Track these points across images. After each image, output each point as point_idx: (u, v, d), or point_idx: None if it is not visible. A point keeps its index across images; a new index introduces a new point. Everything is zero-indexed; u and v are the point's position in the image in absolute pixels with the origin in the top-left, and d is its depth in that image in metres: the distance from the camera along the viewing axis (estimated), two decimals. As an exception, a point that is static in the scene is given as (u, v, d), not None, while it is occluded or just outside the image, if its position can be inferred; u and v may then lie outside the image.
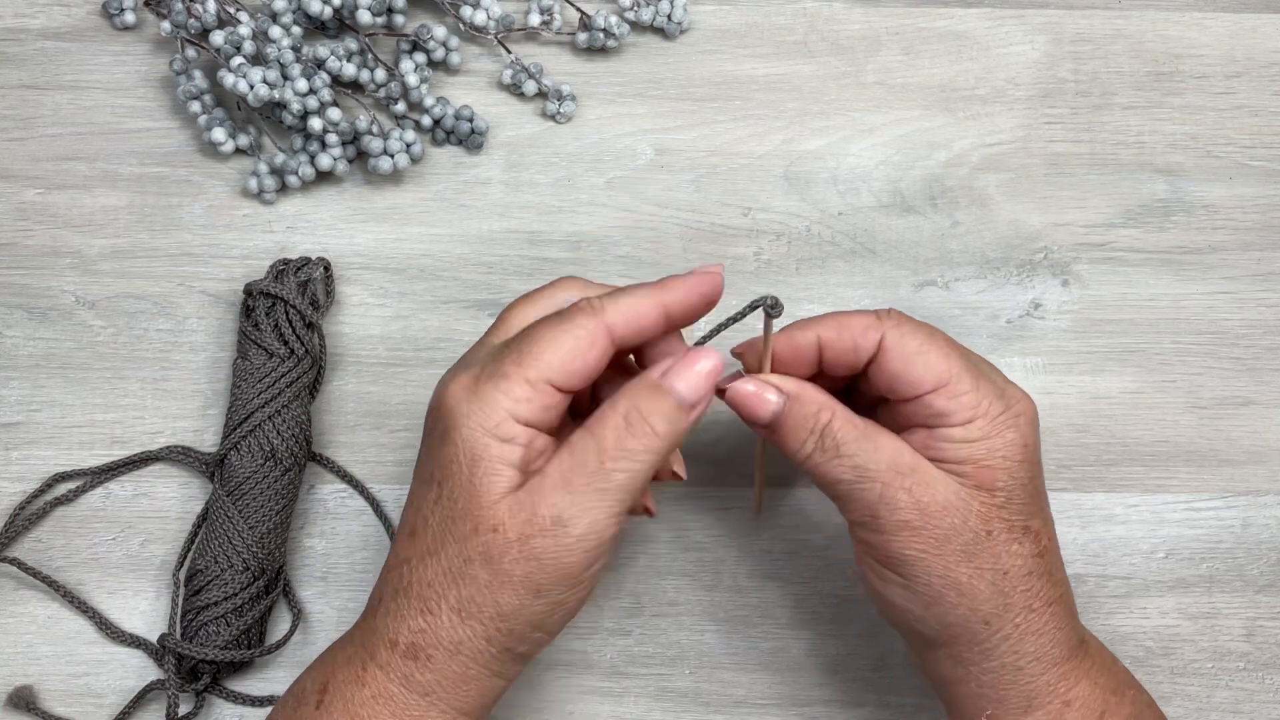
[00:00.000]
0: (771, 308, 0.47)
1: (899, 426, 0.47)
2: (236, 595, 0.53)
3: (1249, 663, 0.56)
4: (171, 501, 0.58)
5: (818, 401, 0.46)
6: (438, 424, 0.45)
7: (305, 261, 0.58)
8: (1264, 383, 0.60)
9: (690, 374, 0.44)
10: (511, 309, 0.48)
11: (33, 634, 0.56)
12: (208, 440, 0.58)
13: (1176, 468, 0.59)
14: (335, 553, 0.57)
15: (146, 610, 0.56)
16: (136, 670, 0.55)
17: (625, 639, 0.56)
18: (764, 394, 0.46)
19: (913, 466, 0.45)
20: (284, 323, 0.57)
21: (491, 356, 0.45)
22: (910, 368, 0.45)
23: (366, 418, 0.59)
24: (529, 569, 0.43)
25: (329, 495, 0.58)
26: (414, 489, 0.46)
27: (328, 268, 0.59)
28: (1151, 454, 0.59)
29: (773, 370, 0.48)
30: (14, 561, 0.55)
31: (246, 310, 0.58)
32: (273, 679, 0.55)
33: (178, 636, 0.54)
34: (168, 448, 0.57)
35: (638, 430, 0.43)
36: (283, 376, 0.56)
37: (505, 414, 0.43)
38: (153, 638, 0.55)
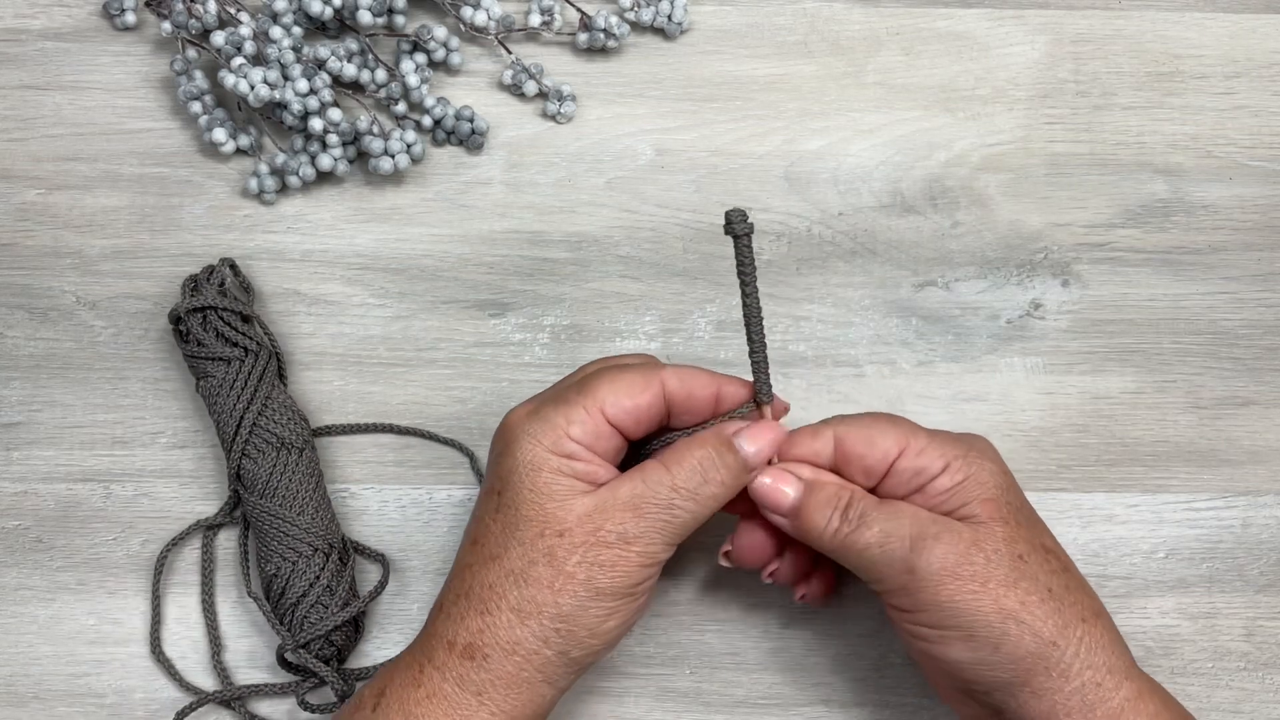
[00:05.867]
0: (737, 224, 0.47)
1: None
2: (319, 577, 0.54)
3: (1249, 663, 0.56)
4: (172, 502, 0.58)
5: (836, 482, 0.49)
6: (499, 443, 0.49)
7: (211, 269, 0.59)
8: (1264, 383, 0.60)
9: (761, 439, 0.48)
10: (587, 365, 0.52)
11: (33, 634, 0.56)
12: (209, 439, 0.58)
13: (1176, 468, 0.59)
14: (336, 553, 0.57)
15: (147, 610, 0.56)
16: (138, 670, 0.55)
17: (625, 639, 0.56)
18: (781, 485, 0.49)
19: (933, 519, 0.47)
20: (224, 327, 0.57)
21: (555, 391, 0.49)
22: (872, 443, 0.48)
23: (367, 418, 0.59)
24: (591, 572, 0.46)
25: (329, 495, 0.58)
26: (477, 504, 0.49)
27: (233, 265, 0.59)
28: (1151, 454, 0.59)
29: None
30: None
31: (182, 336, 0.57)
32: (387, 641, 0.55)
33: (291, 640, 0.53)
34: (196, 524, 0.57)
35: (711, 479, 0.47)
36: (251, 372, 0.56)
37: (562, 432, 0.47)
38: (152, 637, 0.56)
